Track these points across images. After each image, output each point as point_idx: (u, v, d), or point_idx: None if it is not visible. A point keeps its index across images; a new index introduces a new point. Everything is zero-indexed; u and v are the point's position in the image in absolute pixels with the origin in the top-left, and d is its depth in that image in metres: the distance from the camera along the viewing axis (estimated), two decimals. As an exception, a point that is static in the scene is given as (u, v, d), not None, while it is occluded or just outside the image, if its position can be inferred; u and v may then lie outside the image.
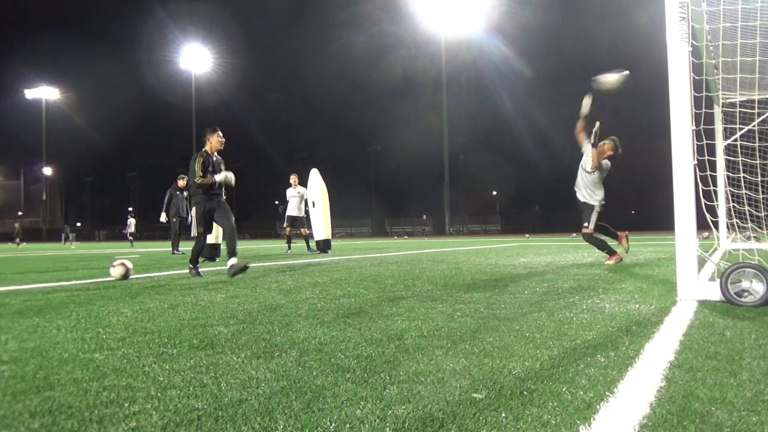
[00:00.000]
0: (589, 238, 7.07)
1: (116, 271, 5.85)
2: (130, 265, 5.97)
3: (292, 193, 12.89)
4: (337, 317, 3.17)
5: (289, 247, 13.24)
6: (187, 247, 10.80)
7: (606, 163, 6.93)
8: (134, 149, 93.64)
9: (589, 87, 6.09)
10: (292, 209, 12.87)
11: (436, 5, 46.63)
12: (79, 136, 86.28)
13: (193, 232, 6.35)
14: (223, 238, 6.51)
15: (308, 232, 12.99)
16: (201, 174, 6.09)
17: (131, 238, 29.13)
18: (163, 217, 13.07)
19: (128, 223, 29.58)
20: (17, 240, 39.84)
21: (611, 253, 7.00)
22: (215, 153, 6.35)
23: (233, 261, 5.90)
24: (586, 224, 6.93)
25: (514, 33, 56.35)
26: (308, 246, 13.01)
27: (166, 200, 13.02)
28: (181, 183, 12.97)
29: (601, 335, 2.57)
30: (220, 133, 6.32)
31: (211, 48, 63.61)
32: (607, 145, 6.92)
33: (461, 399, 1.65)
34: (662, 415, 1.51)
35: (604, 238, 7.23)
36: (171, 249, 13.12)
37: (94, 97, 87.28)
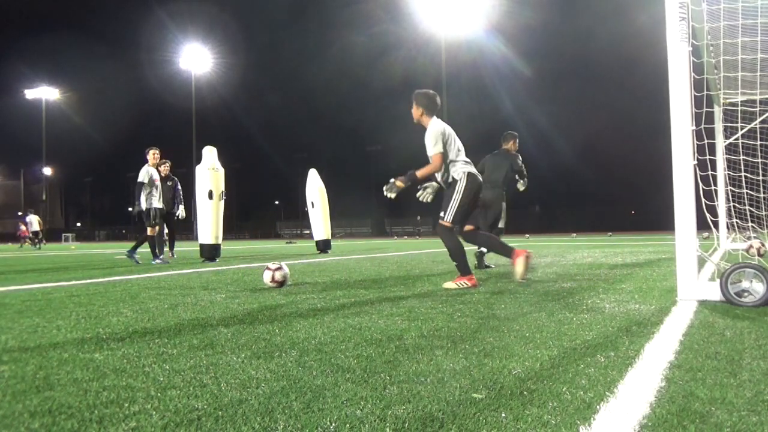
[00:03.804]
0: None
1: (272, 277, 4.84)
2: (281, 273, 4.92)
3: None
4: (337, 317, 3.17)
5: (164, 251, 9.93)
6: (183, 247, 10.62)
7: None
8: (134, 149, 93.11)
9: (589, 87, 6.04)
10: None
11: (436, 5, 46.64)
12: (79, 136, 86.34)
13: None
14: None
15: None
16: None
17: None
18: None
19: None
20: (24, 241, 40.14)
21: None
22: None
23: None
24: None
25: (514, 33, 56.31)
26: (157, 252, 9.30)
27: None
28: (164, 171, 10.58)
29: (601, 335, 2.56)
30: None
31: (211, 48, 63.56)
32: None
33: (461, 399, 1.65)
34: (662, 415, 1.50)
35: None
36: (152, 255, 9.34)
37: (94, 98, 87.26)
